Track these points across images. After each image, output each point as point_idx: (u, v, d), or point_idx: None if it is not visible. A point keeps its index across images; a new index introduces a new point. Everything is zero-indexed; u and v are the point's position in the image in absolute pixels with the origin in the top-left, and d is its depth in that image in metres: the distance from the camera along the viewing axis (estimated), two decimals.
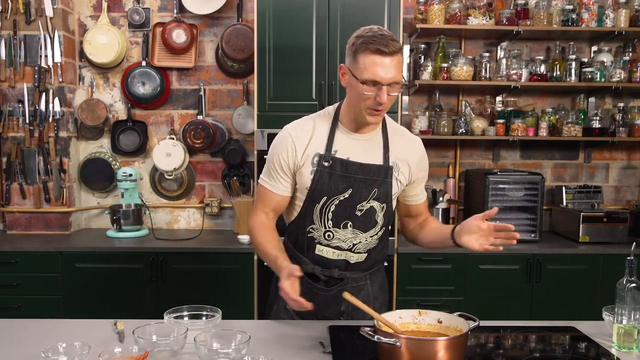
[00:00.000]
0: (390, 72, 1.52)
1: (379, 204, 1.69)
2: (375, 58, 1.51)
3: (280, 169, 1.69)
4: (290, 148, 1.67)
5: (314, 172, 1.66)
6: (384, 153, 1.70)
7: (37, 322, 1.70)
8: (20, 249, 3.05)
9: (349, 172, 1.65)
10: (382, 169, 1.68)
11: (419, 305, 2.93)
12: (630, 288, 1.48)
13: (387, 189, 1.69)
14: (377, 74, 1.52)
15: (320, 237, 1.71)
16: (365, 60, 1.53)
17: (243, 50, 3.36)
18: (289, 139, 1.68)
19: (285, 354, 1.45)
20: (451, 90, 3.58)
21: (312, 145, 1.67)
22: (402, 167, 1.72)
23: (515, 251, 3.12)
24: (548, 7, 3.29)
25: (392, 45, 1.51)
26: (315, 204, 1.68)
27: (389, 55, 1.51)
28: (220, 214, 3.62)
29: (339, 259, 1.72)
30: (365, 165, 1.66)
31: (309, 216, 1.70)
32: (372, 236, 1.72)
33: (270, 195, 1.73)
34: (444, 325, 1.43)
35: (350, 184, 1.66)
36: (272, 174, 1.71)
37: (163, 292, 3.06)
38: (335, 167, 1.65)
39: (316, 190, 1.66)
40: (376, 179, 1.67)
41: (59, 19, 3.29)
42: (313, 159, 1.67)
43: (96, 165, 3.52)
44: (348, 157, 1.66)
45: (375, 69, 1.52)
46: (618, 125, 3.40)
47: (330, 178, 1.65)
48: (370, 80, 1.53)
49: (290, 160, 1.68)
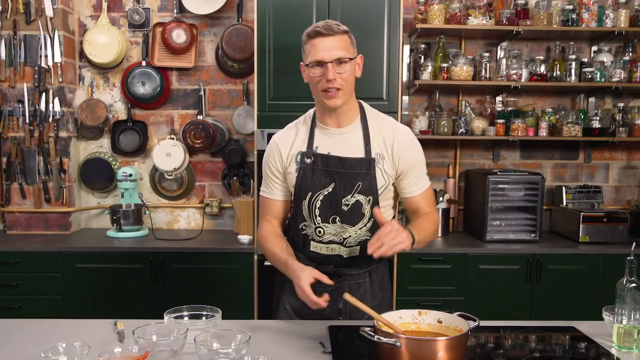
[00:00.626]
0: (332, 51, 1.58)
1: (364, 197, 1.69)
2: (315, 41, 1.60)
3: (272, 175, 1.77)
4: (276, 152, 1.76)
5: (297, 169, 1.72)
6: (365, 145, 1.70)
7: (37, 322, 1.70)
8: (20, 249, 3.05)
9: (330, 166, 1.69)
10: (363, 161, 1.68)
11: (419, 305, 2.91)
12: (630, 288, 1.48)
13: (371, 181, 1.68)
14: (318, 54, 1.59)
15: (312, 233, 1.74)
16: (309, 47, 1.62)
17: (243, 50, 3.36)
18: (274, 145, 1.77)
19: (285, 354, 1.45)
20: (451, 90, 3.58)
21: (295, 146, 1.74)
22: (386, 158, 1.70)
23: (515, 251, 3.12)
24: (548, 7, 3.29)
25: (333, 29, 1.59)
26: (302, 200, 1.72)
27: (328, 35, 1.58)
28: (220, 214, 3.62)
29: (332, 254, 1.74)
30: (345, 159, 1.68)
31: (299, 213, 1.74)
32: (360, 228, 1.72)
33: (270, 203, 1.81)
34: (444, 325, 1.43)
35: (332, 178, 1.69)
36: (267, 182, 1.80)
37: (163, 292, 3.06)
38: (317, 162, 1.70)
39: (301, 187, 1.71)
40: (359, 172, 1.68)
41: (59, 19, 3.29)
42: (296, 158, 1.73)
43: (96, 165, 3.52)
44: (329, 152, 1.70)
45: (316, 51, 1.59)
46: (618, 125, 3.39)
47: (313, 174, 1.69)
48: (313, 62, 1.60)
49: (278, 163, 1.75)
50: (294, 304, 1.78)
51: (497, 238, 3.26)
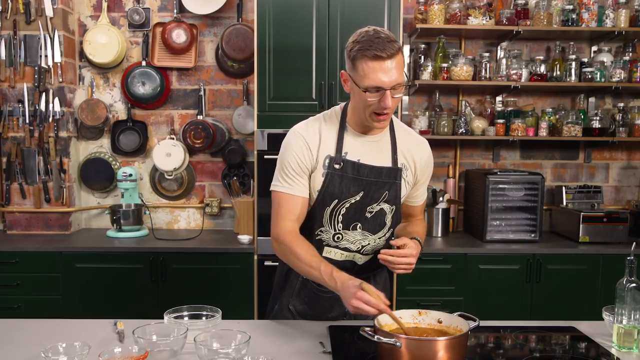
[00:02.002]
0: (391, 75, 1.47)
1: (388, 206, 1.68)
2: (375, 64, 1.47)
3: (298, 169, 1.63)
4: (305, 148, 1.63)
5: (325, 174, 1.62)
6: (393, 154, 1.68)
7: (37, 322, 1.70)
8: (20, 249, 3.05)
9: (361, 175, 1.63)
10: (392, 171, 1.67)
11: (419, 305, 2.93)
12: (630, 288, 1.48)
13: (396, 191, 1.68)
14: (378, 80, 1.47)
15: (329, 239, 1.69)
16: (364, 67, 1.48)
17: (243, 50, 3.36)
18: (302, 139, 1.64)
19: (285, 354, 1.45)
20: (451, 90, 3.57)
21: (322, 147, 1.63)
22: (409, 168, 1.72)
23: (515, 251, 3.12)
24: (548, 7, 3.29)
25: (390, 48, 1.46)
26: (325, 207, 1.64)
27: (387, 59, 1.46)
28: (220, 214, 3.62)
29: (346, 260, 1.72)
30: (376, 167, 1.64)
31: (318, 219, 1.67)
32: (380, 238, 1.72)
33: (291, 200, 1.64)
34: (444, 325, 1.43)
35: (362, 187, 1.64)
36: (288, 175, 1.63)
37: (163, 292, 3.06)
38: (346, 169, 1.62)
39: (327, 193, 1.63)
40: (387, 181, 1.66)
41: (59, 19, 3.29)
42: (324, 161, 1.63)
43: (96, 165, 3.52)
44: (359, 159, 1.64)
45: (376, 75, 1.47)
46: (618, 125, 3.39)
47: (342, 181, 1.62)
48: (372, 87, 1.49)
49: (307, 159, 1.63)
50: (299, 306, 1.76)
51: (497, 238, 3.26)
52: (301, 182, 1.64)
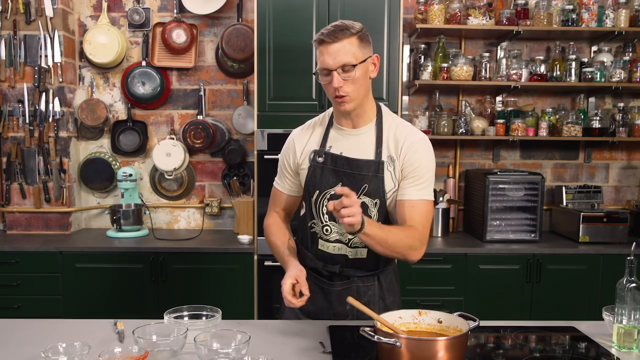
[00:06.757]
0: (336, 57, 1.57)
1: (370, 200, 1.68)
2: (321, 48, 1.60)
3: (286, 169, 1.80)
4: (291, 149, 1.79)
5: (309, 167, 1.73)
6: (377, 147, 1.69)
7: (37, 322, 1.70)
8: (20, 249, 3.05)
9: (338, 166, 1.69)
10: (372, 164, 1.67)
11: (419, 305, 2.91)
12: (630, 288, 1.48)
13: (378, 184, 1.66)
14: (325, 62, 1.59)
15: (320, 231, 1.74)
16: (317, 53, 1.62)
17: (243, 50, 3.36)
18: (291, 141, 1.80)
19: (285, 354, 1.45)
20: (451, 90, 3.58)
21: (309, 144, 1.76)
22: (397, 161, 1.67)
23: (515, 251, 3.12)
24: (548, 7, 3.29)
25: (337, 33, 1.57)
26: (310, 198, 1.73)
27: (332, 43, 1.57)
28: (220, 214, 3.62)
29: (339, 254, 1.73)
30: (353, 160, 1.68)
31: (308, 211, 1.76)
32: None
33: (279, 195, 1.85)
34: (444, 325, 1.43)
35: (339, 178, 1.69)
36: (280, 174, 1.84)
37: (163, 292, 3.06)
38: (327, 162, 1.71)
39: (310, 184, 1.73)
40: (365, 174, 1.66)
41: (59, 19, 3.29)
42: (310, 156, 1.74)
43: (96, 165, 3.52)
44: (341, 152, 1.70)
45: (323, 58, 1.60)
46: (618, 125, 3.39)
47: (322, 172, 1.71)
48: (321, 69, 1.61)
49: (292, 159, 1.78)
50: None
51: (497, 238, 3.26)
52: (289, 180, 1.81)
